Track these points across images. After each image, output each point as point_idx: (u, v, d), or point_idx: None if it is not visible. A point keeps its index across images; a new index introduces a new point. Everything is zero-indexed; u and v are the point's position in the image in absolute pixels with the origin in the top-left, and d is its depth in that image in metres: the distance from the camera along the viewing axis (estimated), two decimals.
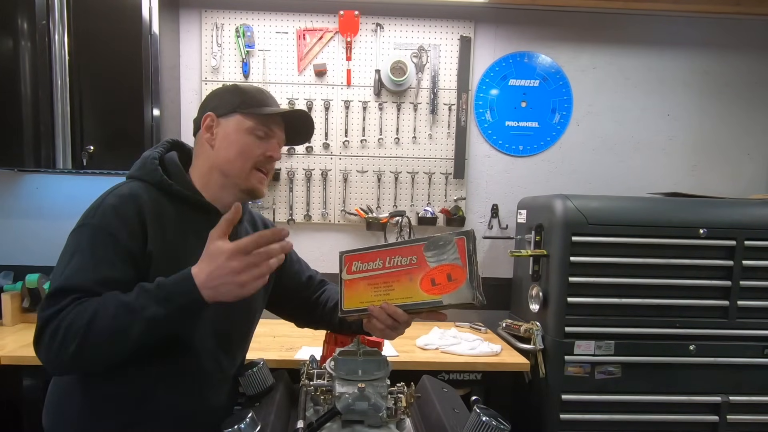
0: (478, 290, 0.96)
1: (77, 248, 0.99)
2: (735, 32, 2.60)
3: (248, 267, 0.91)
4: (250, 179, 1.13)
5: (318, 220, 2.55)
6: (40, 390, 1.87)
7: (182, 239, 1.07)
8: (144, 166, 1.11)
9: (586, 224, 1.97)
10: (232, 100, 1.12)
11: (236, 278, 0.91)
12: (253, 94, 1.14)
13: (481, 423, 0.86)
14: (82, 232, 1.01)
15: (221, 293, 0.92)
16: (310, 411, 1.03)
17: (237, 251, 0.91)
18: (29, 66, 2.05)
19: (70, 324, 0.90)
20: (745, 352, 2.02)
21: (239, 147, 1.11)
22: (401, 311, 1.01)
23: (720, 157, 2.67)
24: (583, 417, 1.99)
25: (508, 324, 2.26)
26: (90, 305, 0.91)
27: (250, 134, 1.11)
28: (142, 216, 1.02)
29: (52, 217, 2.47)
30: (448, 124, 2.55)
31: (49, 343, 0.91)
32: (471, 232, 0.99)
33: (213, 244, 0.93)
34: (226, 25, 2.45)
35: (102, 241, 0.98)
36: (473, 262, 0.97)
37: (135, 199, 1.03)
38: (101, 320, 0.89)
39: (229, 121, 1.12)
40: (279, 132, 1.16)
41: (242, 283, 0.91)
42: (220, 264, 0.90)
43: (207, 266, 0.92)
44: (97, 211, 1.02)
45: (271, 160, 1.14)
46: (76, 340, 0.89)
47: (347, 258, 1.10)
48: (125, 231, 1.00)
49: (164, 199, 1.08)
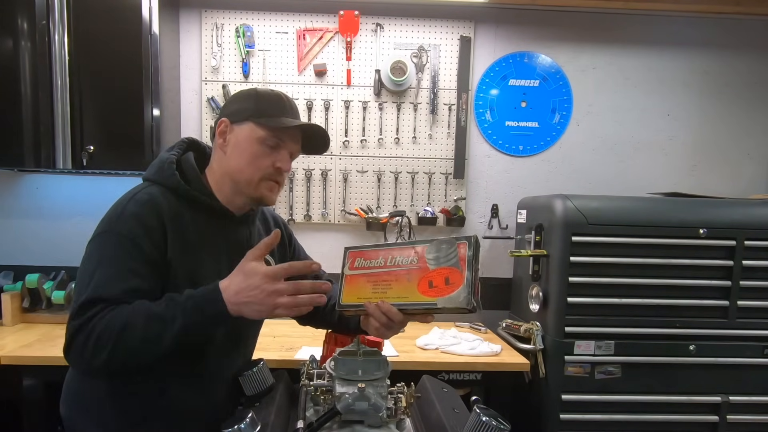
0: (474, 296, 0.95)
1: (103, 257, 1.00)
2: (735, 32, 2.60)
3: (276, 293, 0.96)
4: (259, 188, 1.13)
5: (318, 220, 2.55)
6: (40, 390, 1.88)
7: (199, 243, 1.09)
8: (162, 170, 1.11)
9: (586, 224, 1.97)
10: (247, 106, 1.11)
11: (264, 300, 0.95)
12: (270, 101, 1.12)
13: (481, 423, 0.86)
14: (107, 239, 1.02)
15: (245, 311, 0.96)
16: (310, 411, 1.03)
17: (271, 276, 0.96)
18: (29, 66, 2.05)
19: (101, 333, 0.93)
20: (745, 352, 2.02)
21: (249, 156, 1.10)
22: (395, 310, 1.01)
23: (720, 157, 2.67)
24: (583, 417, 1.99)
25: (508, 324, 2.26)
26: (120, 314, 0.94)
27: (261, 144, 1.10)
28: (162, 223, 1.04)
29: (52, 217, 2.47)
30: (448, 124, 2.55)
31: (81, 352, 0.94)
32: (474, 237, 0.99)
33: (248, 264, 0.97)
34: (226, 25, 2.45)
35: (127, 250, 1.00)
36: (473, 268, 0.96)
37: (155, 206, 1.05)
38: (132, 330, 0.93)
39: (242, 129, 1.11)
40: (292, 143, 1.15)
41: (269, 306, 0.96)
42: (252, 284, 0.95)
43: (239, 283, 0.96)
44: (120, 218, 1.03)
45: (280, 171, 1.13)
46: (108, 349, 0.93)
47: (351, 254, 1.12)
48: (148, 240, 1.01)
49: (181, 204, 1.09)
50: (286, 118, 1.12)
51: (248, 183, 1.12)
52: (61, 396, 1.15)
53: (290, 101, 1.16)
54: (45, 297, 2.33)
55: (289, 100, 1.15)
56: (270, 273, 0.96)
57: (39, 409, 1.88)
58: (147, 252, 1.01)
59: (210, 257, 1.10)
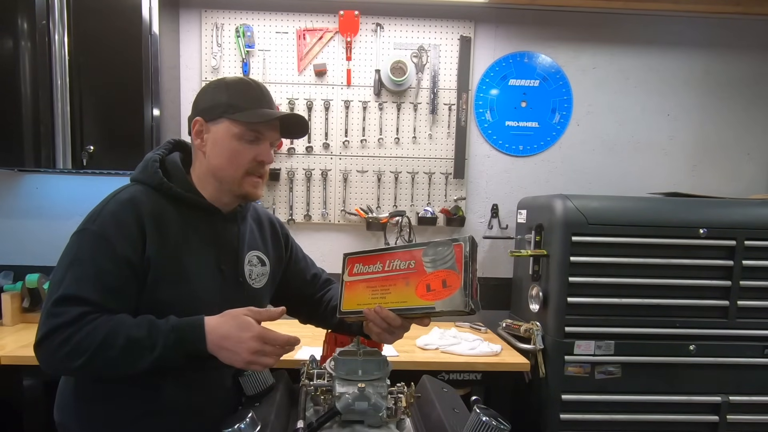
0: (471, 298, 0.94)
1: (78, 254, 1.01)
2: (735, 32, 2.60)
3: (260, 353, 0.97)
4: (243, 185, 1.12)
5: (318, 220, 2.55)
6: (40, 390, 1.88)
7: (183, 240, 1.09)
8: (145, 169, 1.11)
9: (586, 224, 1.97)
10: (219, 101, 1.09)
11: (245, 355, 0.97)
12: (241, 92, 1.09)
13: (481, 423, 0.86)
14: (83, 237, 1.03)
15: (221, 354, 0.98)
16: (310, 411, 1.03)
17: (262, 337, 0.97)
18: (29, 66, 2.05)
19: (79, 343, 0.94)
20: (745, 352, 2.02)
21: (229, 154, 1.09)
22: (393, 315, 1.01)
23: (720, 157, 2.67)
24: (583, 417, 1.99)
25: (508, 324, 2.26)
26: (100, 329, 0.95)
27: (239, 140, 1.09)
28: (140, 222, 1.04)
29: (52, 217, 2.47)
30: (448, 124, 2.55)
31: (54, 352, 0.95)
32: (470, 238, 0.98)
33: (245, 318, 0.99)
34: (226, 25, 2.45)
35: (101, 249, 1.01)
36: (469, 270, 0.96)
37: (134, 204, 1.05)
38: (110, 349, 0.94)
39: (218, 127, 1.09)
40: (270, 133, 1.12)
41: (246, 361, 0.97)
42: (242, 338, 0.97)
43: (227, 330, 0.98)
44: (98, 217, 1.04)
45: (262, 164, 1.13)
46: (83, 359, 0.94)
47: (350, 260, 1.12)
48: (123, 238, 1.01)
49: (165, 201, 1.09)
50: (261, 110, 1.09)
51: (232, 180, 1.11)
52: (55, 402, 1.14)
53: (260, 87, 1.12)
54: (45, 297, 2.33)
55: (258, 86, 1.12)
56: (262, 334, 0.97)
57: (39, 409, 1.88)
58: (120, 251, 1.00)
59: (196, 255, 1.10)
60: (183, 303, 1.05)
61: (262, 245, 1.26)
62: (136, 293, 1.03)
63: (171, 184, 1.09)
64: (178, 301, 1.05)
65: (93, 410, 1.08)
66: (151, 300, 1.04)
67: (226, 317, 1.00)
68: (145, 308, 1.03)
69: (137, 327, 0.97)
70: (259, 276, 1.23)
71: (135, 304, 1.04)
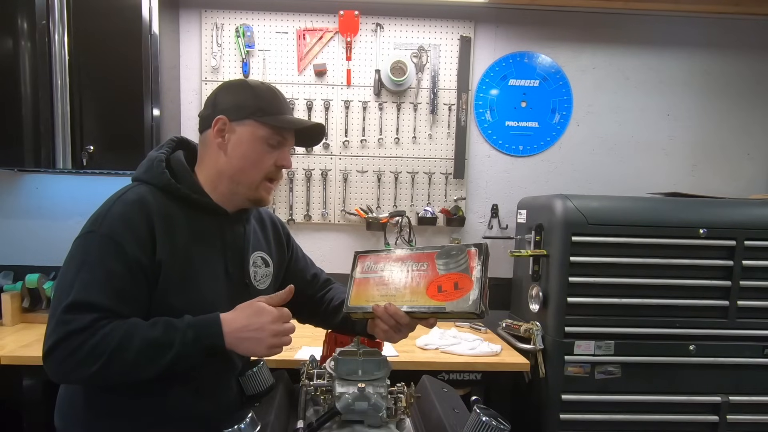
0: (482, 301, 0.95)
1: (86, 258, 0.97)
2: (735, 32, 2.60)
3: (281, 333, 0.98)
4: (259, 190, 1.12)
5: (318, 220, 2.55)
6: (40, 390, 1.87)
7: (192, 242, 1.07)
8: (151, 169, 1.08)
9: (586, 224, 1.97)
10: (245, 103, 1.08)
11: (269, 339, 0.97)
12: (268, 97, 1.10)
13: (481, 423, 0.86)
14: (90, 239, 0.99)
15: (241, 346, 0.98)
16: (310, 411, 1.03)
17: (278, 317, 0.98)
18: (29, 66, 2.05)
19: (93, 349, 0.91)
20: (745, 352, 2.02)
21: (253, 157, 1.09)
22: (402, 313, 1.01)
23: (720, 157, 2.67)
24: (583, 417, 1.99)
25: (508, 324, 2.26)
26: (115, 332, 0.93)
27: (263, 143, 1.09)
28: (150, 223, 1.01)
29: (52, 217, 2.47)
30: (448, 124, 2.55)
31: (66, 360, 0.92)
32: (485, 245, 1.00)
33: (259, 303, 0.99)
34: (226, 25, 2.45)
35: (111, 252, 0.97)
36: (482, 274, 0.97)
37: (143, 205, 1.02)
38: (127, 351, 0.92)
39: (243, 128, 1.08)
40: (291, 139, 1.14)
41: (269, 345, 0.98)
42: (261, 322, 0.97)
43: (244, 319, 0.97)
44: (105, 218, 0.99)
45: (280, 169, 1.13)
46: (98, 365, 0.91)
47: (360, 257, 1.13)
48: (134, 241, 0.98)
49: (172, 203, 1.06)
50: (287, 116, 1.11)
51: (250, 183, 1.10)
52: (56, 407, 1.12)
53: (282, 94, 1.14)
54: (45, 297, 2.33)
55: (281, 93, 1.14)
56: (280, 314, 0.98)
57: (39, 410, 1.88)
58: (131, 254, 0.97)
59: (204, 256, 1.08)
60: (192, 307, 1.02)
61: (265, 246, 1.25)
62: (147, 297, 1.00)
63: (179, 185, 1.07)
64: (187, 305, 1.02)
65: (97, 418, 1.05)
66: (161, 304, 1.01)
67: (238, 310, 1.00)
68: (154, 313, 1.00)
69: (152, 327, 0.95)
70: (264, 277, 1.22)
71: (147, 308, 1.01)
